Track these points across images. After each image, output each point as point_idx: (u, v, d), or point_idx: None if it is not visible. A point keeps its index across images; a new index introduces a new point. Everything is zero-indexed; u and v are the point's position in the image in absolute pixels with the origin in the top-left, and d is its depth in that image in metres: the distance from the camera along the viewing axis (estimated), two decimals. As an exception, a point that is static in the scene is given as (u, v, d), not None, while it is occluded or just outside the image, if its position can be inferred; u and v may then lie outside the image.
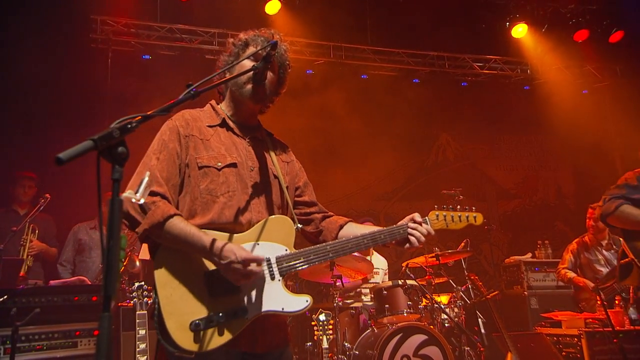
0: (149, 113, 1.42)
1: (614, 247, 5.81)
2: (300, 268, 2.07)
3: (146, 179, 1.43)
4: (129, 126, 1.29)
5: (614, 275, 5.48)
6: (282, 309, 1.99)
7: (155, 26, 7.06)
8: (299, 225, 2.19)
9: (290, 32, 7.39)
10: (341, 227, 2.32)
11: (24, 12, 6.22)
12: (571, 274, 5.97)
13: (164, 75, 6.95)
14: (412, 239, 2.16)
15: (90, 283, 4.71)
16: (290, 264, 2.04)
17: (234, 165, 2.11)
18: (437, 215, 2.32)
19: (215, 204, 2.05)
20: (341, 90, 7.90)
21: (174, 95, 1.62)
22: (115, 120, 1.30)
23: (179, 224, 1.93)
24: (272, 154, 2.28)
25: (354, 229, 2.29)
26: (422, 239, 2.16)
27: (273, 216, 2.13)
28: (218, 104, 2.31)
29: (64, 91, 6.29)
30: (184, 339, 1.87)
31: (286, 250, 2.07)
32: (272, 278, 2.02)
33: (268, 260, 2.03)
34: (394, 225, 2.20)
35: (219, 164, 2.09)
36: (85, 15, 6.71)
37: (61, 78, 6.26)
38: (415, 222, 2.19)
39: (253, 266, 1.90)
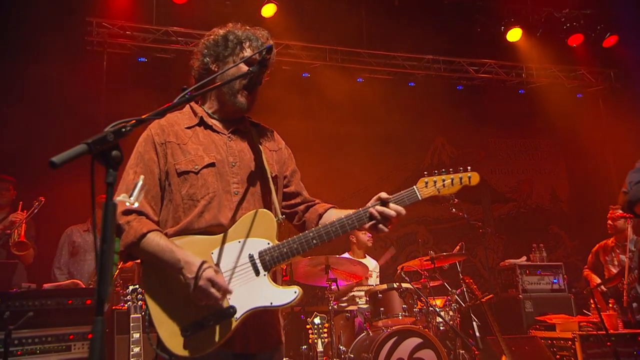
0: (143, 117, 1.41)
1: (632, 249, 5.75)
2: (284, 259, 2.01)
3: (140, 182, 1.42)
4: (123, 130, 1.29)
5: (619, 275, 5.48)
6: (271, 303, 1.95)
7: (151, 29, 7.04)
8: (280, 217, 2.12)
9: (286, 35, 7.39)
10: (320, 215, 2.24)
11: (18, 14, 6.20)
12: (587, 272, 6.07)
13: (160, 78, 6.94)
14: (379, 225, 2.00)
15: (84, 286, 4.68)
16: (274, 256, 1.99)
17: (212, 164, 2.07)
18: (427, 182, 2.11)
19: (196, 208, 2.02)
20: (337, 94, 7.91)
21: (170, 98, 1.62)
22: (110, 124, 1.30)
23: (153, 241, 1.92)
24: (258, 144, 2.22)
25: (332, 216, 2.17)
26: (387, 224, 1.99)
27: (252, 211, 2.06)
28: (198, 102, 2.27)
29: (59, 93, 6.26)
30: (177, 346, 1.87)
31: (269, 243, 2.02)
32: (257, 274, 1.98)
33: (251, 256, 1.99)
34: (361, 209, 2.05)
35: (196, 166, 2.05)
36: (81, 17, 6.69)
37: (56, 80, 6.24)
38: (381, 199, 2.03)
39: (214, 291, 1.85)
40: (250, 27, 2.24)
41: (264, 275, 1.98)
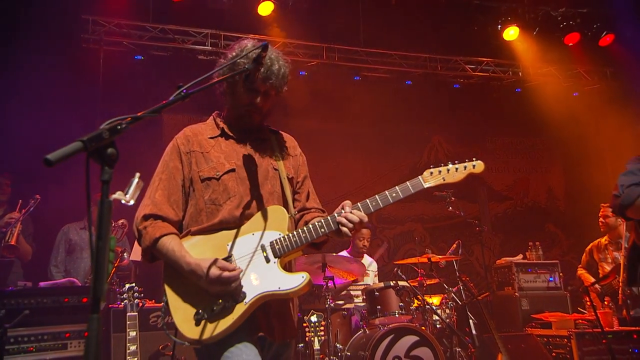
0: (139, 114, 1.41)
1: (626, 245, 5.75)
2: (294, 247, 2.12)
3: (136, 179, 1.42)
4: (119, 127, 1.28)
5: (613, 272, 5.50)
6: (279, 287, 2.06)
7: (147, 26, 7.02)
8: (293, 213, 2.26)
9: (283, 34, 7.39)
10: (307, 222, 2.29)
11: (14, 12, 6.18)
12: (580, 271, 6.07)
13: (156, 76, 6.92)
14: (343, 229, 2.09)
15: (80, 284, 4.67)
16: (284, 244, 2.12)
17: (232, 170, 2.23)
18: (432, 172, 2.19)
19: (218, 211, 2.18)
20: (334, 92, 7.90)
21: (166, 96, 1.62)
22: (105, 121, 1.29)
23: (165, 245, 2.09)
24: (276, 149, 2.39)
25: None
26: (350, 225, 2.07)
27: (267, 207, 2.20)
28: (221, 115, 2.41)
29: (55, 91, 6.24)
30: (189, 330, 1.99)
31: (280, 234, 2.14)
32: (268, 261, 2.11)
33: (263, 246, 2.13)
34: (329, 216, 2.16)
35: (218, 173, 2.22)
36: (77, 15, 6.66)
37: (52, 78, 6.21)
38: (344, 209, 2.13)
39: (214, 269, 1.99)
40: (256, 40, 2.33)
41: (274, 262, 2.11)
